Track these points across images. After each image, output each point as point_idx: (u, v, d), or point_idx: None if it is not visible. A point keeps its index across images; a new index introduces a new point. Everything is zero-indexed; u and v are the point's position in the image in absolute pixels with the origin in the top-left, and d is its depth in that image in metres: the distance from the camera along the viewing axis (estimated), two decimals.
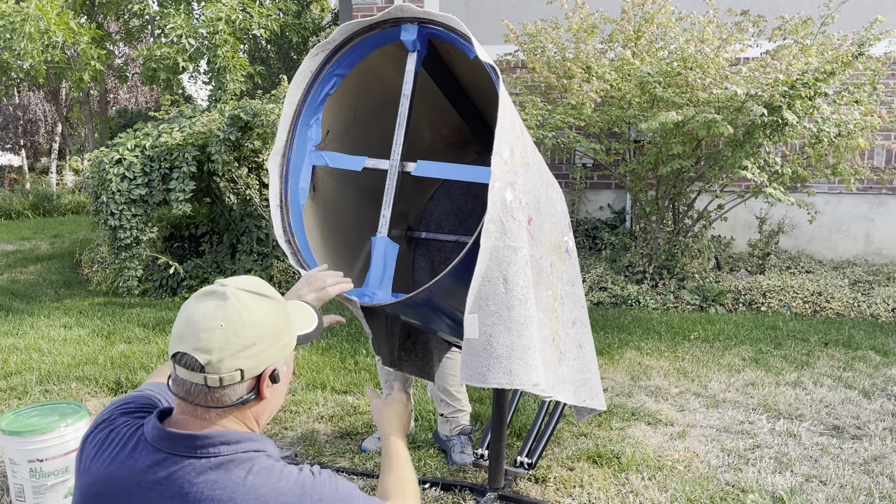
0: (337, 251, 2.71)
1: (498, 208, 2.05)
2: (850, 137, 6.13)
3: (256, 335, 1.30)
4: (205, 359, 1.26)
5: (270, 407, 1.40)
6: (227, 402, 1.30)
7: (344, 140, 2.69)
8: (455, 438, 3.48)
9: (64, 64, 9.49)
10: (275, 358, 1.34)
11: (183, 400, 1.31)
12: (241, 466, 1.28)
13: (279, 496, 1.26)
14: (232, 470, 1.27)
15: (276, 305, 1.37)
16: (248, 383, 1.31)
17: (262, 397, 1.34)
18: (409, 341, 3.14)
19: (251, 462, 1.30)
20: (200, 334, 1.26)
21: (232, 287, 1.32)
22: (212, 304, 1.29)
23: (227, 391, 1.29)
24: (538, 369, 2.16)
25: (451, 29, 2.25)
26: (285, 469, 1.31)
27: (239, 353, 1.27)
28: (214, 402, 1.30)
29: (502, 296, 2.08)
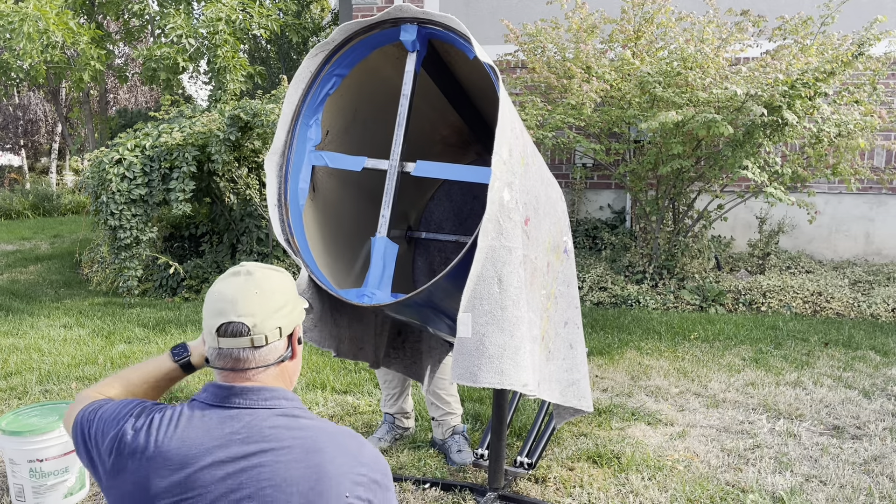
0: (337, 251, 2.71)
1: (495, 208, 2.05)
2: (850, 137, 6.13)
3: (284, 298, 1.49)
4: (251, 321, 1.42)
5: (298, 369, 1.58)
6: (271, 360, 1.46)
7: (344, 140, 2.69)
8: (450, 440, 3.48)
9: (64, 64, 9.49)
10: (299, 319, 1.54)
11: (230, 370, 1.45)
12: (302, 415, 1.44)
13: (343, 434, 1.42)
14: (299, 417, 1.42)
15: (288, 276, 1.56)
16: (284, 341, 1.49)
17: (295, 354, 1.53)
18: (399, 339, 3.14)
19: (307, 414, 1.46)
20: (240, 304, 1.43)
21: (254, 266, 1.51)
22: (241, 280, 1.47)
23: (271, 349, 1.45)
24: (528, 370, 2.17)
25: (451, 29, 2.25)
26: (330, 424, 1.47)
27: (275, 314, 1.45)
28: (261, 362, 1.45)
29: (496, 296, 2.09)
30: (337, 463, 1.35)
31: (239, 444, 1.35)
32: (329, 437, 1.39)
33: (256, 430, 1.37)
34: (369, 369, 4.72)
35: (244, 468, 1.33)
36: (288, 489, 1.31)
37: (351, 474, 1.35)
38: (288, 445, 1.35)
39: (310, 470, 1.33)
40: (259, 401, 1.42)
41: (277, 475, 1.32)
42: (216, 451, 1.34)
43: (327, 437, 1.39)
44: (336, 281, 2.57)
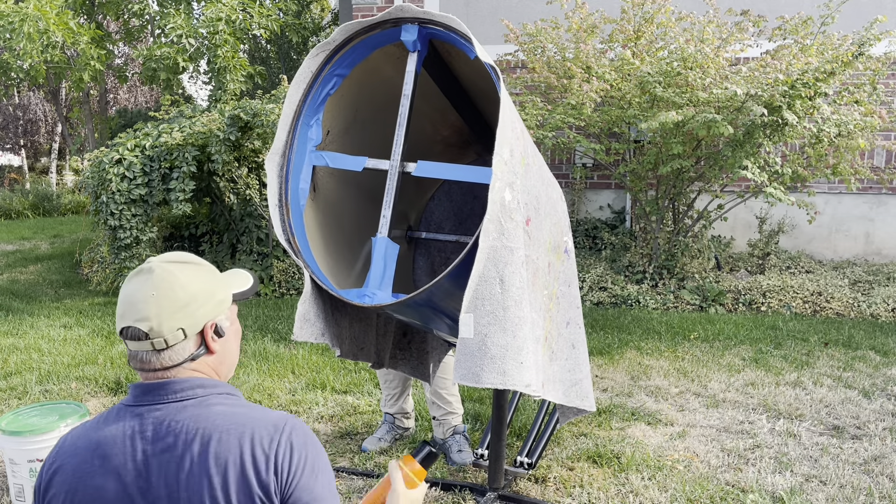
0: (337, 251, 2.71)
1: (497, 208, 2.05)
2: (850, 137, 6.13)
3: (188, 295, 1.40)
4: (146, 326, 1.36)
5: (227, 360, 1.50)
6: (179, 360, 1.40)
7: (344, 140, 2.69)
8: (451, 439, 3.49)
9: (64, 64, 9.49)
10: (212, 314, 1.44)
11: (142, 371, 1.41)
12: (221, 401, 1.40)
13: (267, 416, 1.38)
14: (213, 406, 1.38)
15: (202, 269, 1.47)
16: (193, 340, 1.42)
17: (212, 351, 1.44)
18: (405, 340, 3.14)
19: (232, 398, 1.42)
20: (137, 306, 1.37)
21: (157, 261, 1.43)
22: (141, 279, 1.40)
23: (176, 350, 1.39)
24: (530, 370, 2.17)
25: (452, 29, 2.25)
26: (256, 407, 1.42)
27: (175, 314, 1.38)
28: (167, 362, 1.40)
29: (498, 296, 2.09)
30: (242, 449, 1.33)
31: (148, 441, 1.34)
32: (240, 424, 1.36)
33: (164, 426, 1.35)
34: (370, 369, 4.72)
35: (151, 465, 1.33)
36: (194, 484, 1.31)
37: (254, 460, 1.32)
38: (193, 437, 1.33)
39: (215, 459, 1.32)
40: (167, 394, 1.39)
41: (182, 471, 1.31)
42: (124, 447, 1.35)
43: (237, 424, 1.36)
44: (337, 281, 2.57)
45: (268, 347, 5.34)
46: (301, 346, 5.36)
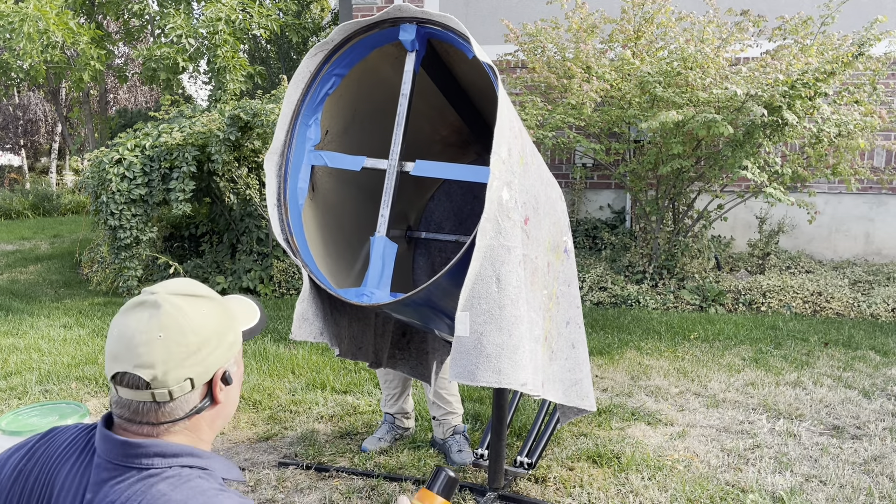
0: (336, 251, 2.71)
1: (494, 207, 2.05)
2: (850, 138, 6.13)
3: (199, 340, 1.19)
4: (149, 374, 1.15)
5: (226, 411, 1.30)
6: (181, 415, 1.20)
7: (343, 140, 2.69)
8: (450, 439, 3.49)
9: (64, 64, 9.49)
10: (223, 359, 1.24)
11: (129, 421, 1.20)
12: (168, 481, 1.16)
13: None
14: (157, 484, 1.15)
15: (214, 304, 1.25)
16: (200, 391, 1.21)
17: (217, 402, 1.25)
18: (404, 340, 3.14)
19: (183, 479, 1.18)
20: (139, 349, 1.15)
21: (162, 293, 1.20)
22: (145, 316, 1.17)
23: (179, 403, 1.19)
24: (526, 369, 2.17)
25: (450, 28, 2.25)
26: (220, 495, 1.16)
27: (184, 362, 1.17)
28: (166, 417, 1.19)
29: (494, 295, 2.09)
30: None
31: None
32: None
33: (104, 496, 1.16)
34: (369, 369, 4.72)
35: None
36: None
37: None
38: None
39: None
40: (126, 458, 1.18)
41: None
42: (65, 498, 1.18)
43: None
44: (336, 281, 2.57)
45: (268, 347, 5.34)
46: (301, 346, 5.36)
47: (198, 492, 1.15)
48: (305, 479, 3.25)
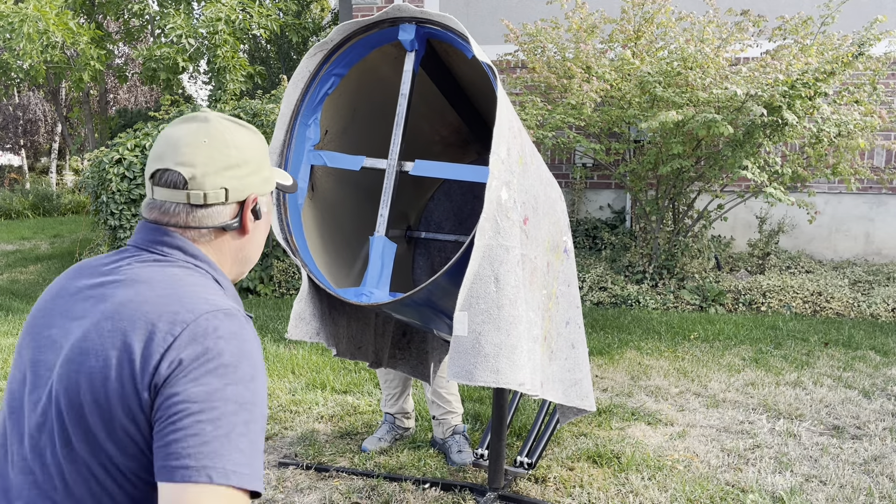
0: (336, 250, 2.71)
1: (493, 207, 2.05)
2: (850, 137, 6.13)
3: (241, 157, 1.24)
4: (189, 173, 1.19)
5: (248, 249, 1.33)
6: (209, 224, 1.24)
7: (342, 140, 2.69)
8: (450, 439, 3.49)
9: (63, 64, 9.49)
10: (258, 188, 1.28)
11: (155, 223, 1.24)
12: (183, 269, 1.21)
13: (192, 300, 1.14)
14: (170, 266, 1.20)
15: (257, 137, 1.31)
16: (231, 208, 1.25)
17: (245, 229, 1.28)
18: (405, 340, 3.14)
19: (197, 275, 1.21)
20: (182, 149, 1.20)
21: (212, 113, 1.27)
22: (193, 126, 1.23)
23: (211, 211, 1.23)
24: (524, 369, 2.16)
25: (449, 28, 2.25)
26: (225, 301, 1.18)
27: (223, 172, 1.22)
28: (195, 223, 1.23)
29: (493, 294, 2.09)
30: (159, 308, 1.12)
31: (108, 279, 1.20)
32: (174, 288, 1.15)
33: (120, 271, 1.20)
34: (369, 369, 4.72)
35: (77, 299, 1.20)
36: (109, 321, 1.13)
37: (164, 324, 1.10)
38: (132, 280, 1.17)
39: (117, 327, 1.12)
40: (149, 243, 1.22)
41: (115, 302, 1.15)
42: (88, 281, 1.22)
43: (171, 287, 1.16)
44: (335, 280, 2.57)
45: (268, 347, 5.34)
46: (301, 346, 5.36)
47: (208, 288, 1.19)
48: (305, 479, 3.25)
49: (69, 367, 1.12)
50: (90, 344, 1.11)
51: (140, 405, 1.07)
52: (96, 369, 1.09)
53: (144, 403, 1.07)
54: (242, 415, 1.06)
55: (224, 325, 1.12)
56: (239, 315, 1.16)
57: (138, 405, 1.07)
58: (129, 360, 1.08)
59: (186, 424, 1.03)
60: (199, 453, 1.02)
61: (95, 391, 1.09)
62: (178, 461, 1.02)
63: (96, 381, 1.09)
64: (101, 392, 1.08)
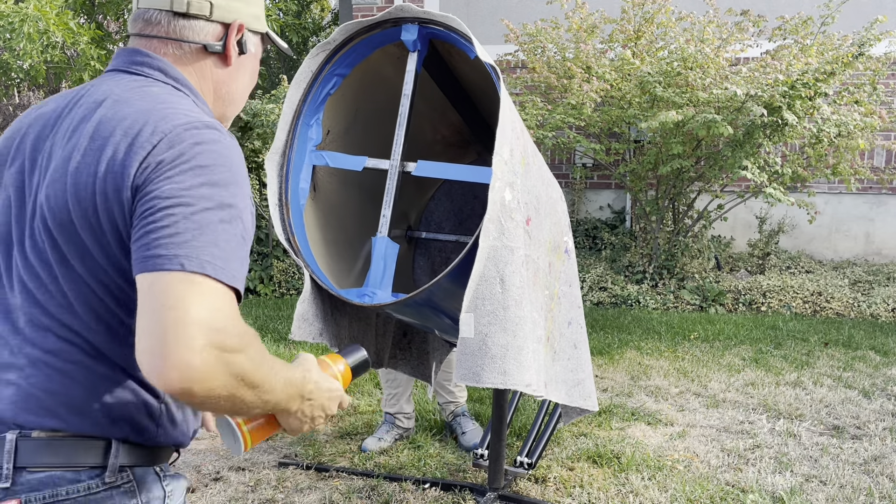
0: (338, 251, 2.72)
1: (497, 208, 2.05)
2: (850, 138, 6.13)
3: None
4: None
5: (232, 87, 1.32)
6: (190, 37, 1.22)
7: (345, 140, 2.69)
8: (454, 422, 3.67)
9: (64, 64, 9.49)
10: (246, 18, 1.27)
11: (138, 35, 1.23)
12: (162, 88, 1.19)
13: (172, 113, 1.12)
14: (150, 87, 1.18)
15: None
16: (215, 28, 1.24)
17: (228, 58, 1.27)
18: (405, 340, 3.14)
19: (177, 95, 1.20)
20: None
21: None
22: None
23: (193, 24, 1.22)
24: (531, 370, 2.17)
25: (452, 29, 2.26)
26: (205, 116, 1.17)
27: None
28: (176, 34, 1.22)
29: (499, 296, 2.09)
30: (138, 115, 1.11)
31: (84, 100, 1.18)
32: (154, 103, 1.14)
33: (98, 91, 1.18)
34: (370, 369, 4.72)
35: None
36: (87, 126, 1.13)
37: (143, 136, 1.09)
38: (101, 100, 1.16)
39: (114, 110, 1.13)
40: (128, 64, 1.21)
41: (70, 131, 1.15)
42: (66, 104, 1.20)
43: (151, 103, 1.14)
44: (337, 281, 2.57)
45: (268, 347, 5.33)
46: (301, 346, 5.36)
47: (188, 106, 1.17)
48: (305, 479, 3.25)
49: (55, 187, 1.11)
50: (74, 164, 1.11)
51: (124, 214, 1.07)
52: (81, 186, 1.09)
53: (127, 212, 1.07)
54: (218, 213, 1.04)
55: (203, 133, 1.11)
56: (220, 128, 1.15)
57: (121, 214, 1.07)
58: (112, 173, 1.08)
59: (158, 217, 1.02)
60: (170, 243, 1.00)
61: (84, 207, 1.09)
62: (150, 251, 1.01)
63: (83, 198, 1.09)
64: (90, 207, 1.08)
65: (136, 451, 1.15)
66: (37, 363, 1.11)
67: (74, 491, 1.09)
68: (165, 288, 0.98)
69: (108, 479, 1.11)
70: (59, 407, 1.10)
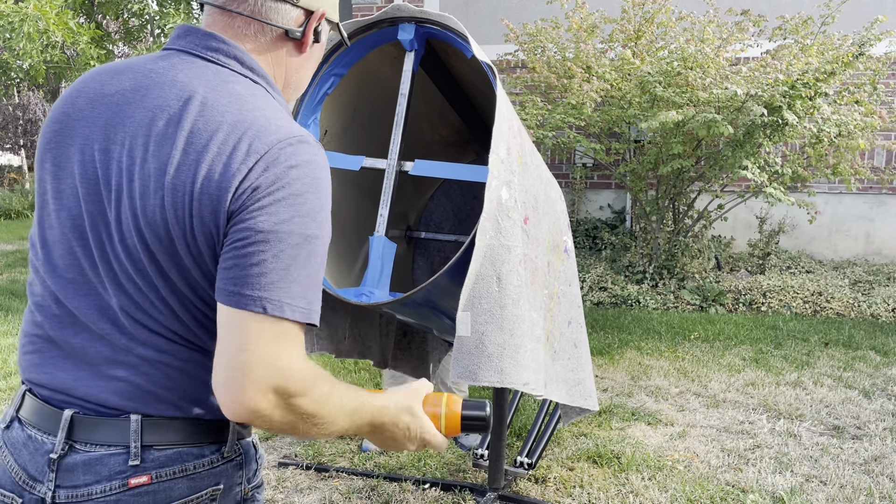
0: (336, 251, 2.71)
1: (494, 207, 2.05)
2: (850, 138, 6.12)
3: None
4: None
5: (300, 74, 1.30)
6: (275, 20, 1.20)
7: (342, 140, 2.69)
8: None
9: (63, 64, 9.50)
10: (328, 8, 1.26)
11: (221, 9, 1.19)
12: (243, 84, 1.16)
13: (263, 126, 1.10)
14: (233, 84, 1.15)
15: None
16: (298, 14, 1.22)
17: (304, 46, 1.25)
18: (405, 340, 3.14)
19: (259, 94, 1.17)
20: None
21: None
22: None
23: (279, 8, 1.19)
24: (528, 368, 2.16)
25: (449, 28, 2.25)
26: (294, 125, 1.15)
27: None
28: (261, 16, 1.19)
29: (495, 294, 2.08)
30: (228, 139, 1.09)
31: (151, 81, 1.14)
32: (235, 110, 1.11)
33: (170, 74, 1.14)
34: (370, 369, 4.72)
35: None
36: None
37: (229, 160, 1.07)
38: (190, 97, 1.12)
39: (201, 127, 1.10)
40: (203, 49, 1.17)
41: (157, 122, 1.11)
42: (132, 80, 1.16)
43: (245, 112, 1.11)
44: (335, 280, 2.57)
45: None
46: None
47: (274, 110, 1.15)
48: (305, 479, 3.25)
49: (152, 200, 1.09)
50: (170, 179, 1.08)
51: (219, 236, 1.08)
52: (178, 205, 1.08)
53: (221, 235, 1.08)
54: (306, 247, 1.07)
55: (298, 153, 1.10)
56: (311, 141, 1.14)
57: (218, 236, 1.08)
58: (208, 195, 1.07)
59: (249, 252, 1.04)
60: (257, 283, 1.04)
61: (182, 226, 1.08)
62: (236, 287, 1.04)
63: (181, 217, 1.08)
64: (188, 226, 1.08)
65: (242, 427, 1.23)
66: (152, 362, 1.14)
67: (200, 465, 1.16)
68: (244, 328, 1.04)
69: (226, 454, 1.19)
70: (180, 400, 1.15)
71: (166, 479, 1.13)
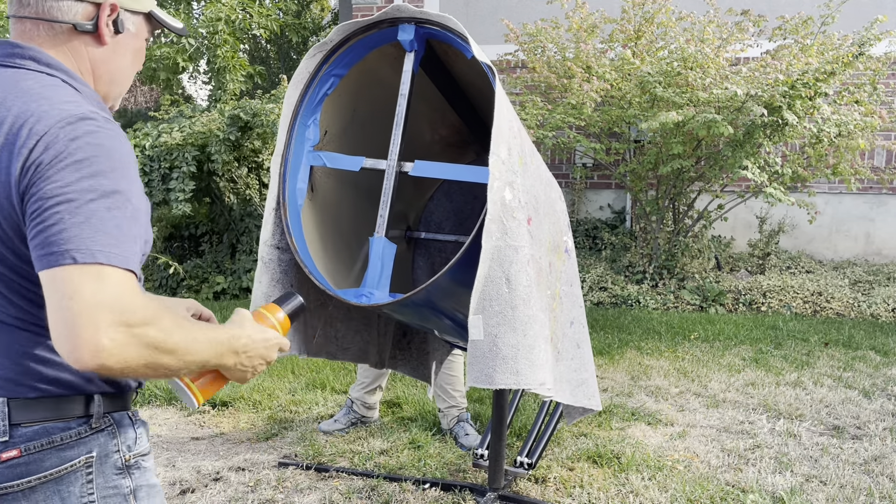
0: (336, 251, 2.71)
1: (498, 208, 2.05)
2: (850, 137, 6.12)
3: None
4: None
5: (113, 67, 1.32)
6: (59, 16, 1.24)
7: (342, 140, 2.69)
8: (456, 427, 3.67)
9: None
10: (129, 2, 1.29)
11: (14, 17, 1.26)
12: (36, 79, 1.21)
13: (45, 111, 1.15)
14: (25, 81, 1.20)
15: None
16: (85, 8, 1.25)
17: (101, 38, 1.28)
18: (405, 340, 3.14)
19: (50, 84, 1.21)
20: None
21: None
22: None
23: (61, 5, 1.23)
24: (544, 368, 2.16)
25: (448, 29, 2.25)
26: (80, 107, 1.18)
27: None
28: (45, 14, 1.23)
29: (506, 296, 2.08)
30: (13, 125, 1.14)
31: None
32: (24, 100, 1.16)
33: None
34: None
35: None
36: None
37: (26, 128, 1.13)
38: None
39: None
40: (6, 58, 1.23)
41: None
42: None
43: (21, 99, 1.17)
44: (335, 281, 2.57)
45: None
46: None
47: (62, 94, 1.19)
48: (305, 479, 3.25)
49: None
50: None
51: (21, 219, 1.14)
52: None
53: (21, 216, 1.14)
54: (103, 201, 1.10)
55: (77, 127, 1.14)
56: (96, 118, 1.17)
57: (20, 219, 1.14)
58: (1, 183, 1.14)
59: (46, 217, 1.08)
60: (60, 240, 1.07)
61: None
62: (43, 250, 1.08)
63: None
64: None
65: (112, 400, 1.29)
66: (4, 352, 1.22)
67: (68, 437, 1.23)
68: (63, 281, 1.07)
69: (94, 425, 1.26)
70: (38, 383, 1.22)
71: (35, 451, 1.20)
